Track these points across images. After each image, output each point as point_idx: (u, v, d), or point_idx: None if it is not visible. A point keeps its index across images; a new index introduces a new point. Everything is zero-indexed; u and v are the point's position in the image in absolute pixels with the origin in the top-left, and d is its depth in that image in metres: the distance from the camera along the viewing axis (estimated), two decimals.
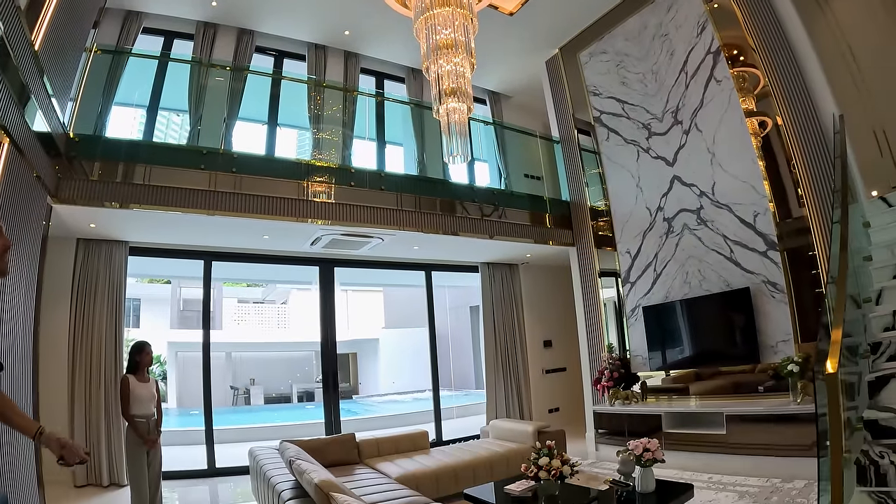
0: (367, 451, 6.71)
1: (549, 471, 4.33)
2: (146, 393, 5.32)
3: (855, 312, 4.29)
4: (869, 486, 3.52)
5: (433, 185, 8.18)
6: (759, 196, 6.81)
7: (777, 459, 6.05)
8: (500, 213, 8.55)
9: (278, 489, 4.29)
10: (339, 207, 7.05)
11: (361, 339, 19.04)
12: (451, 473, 6.15)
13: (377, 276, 14.52)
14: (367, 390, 20.13)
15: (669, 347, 7.89)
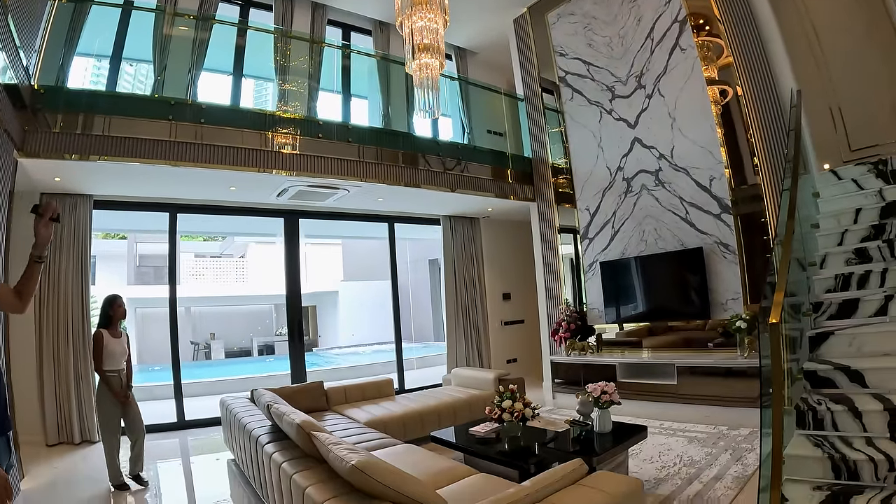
0: (334, 399, 6.91)
1: (513, 413, 4.62)
2: (119, 348, 5.35)
3: (800, 274, 4.69)
4: (808, 429, 3.90)
5: (398, 138, 8.22)
6: (715, 161, 7.09)
7: (724, 409, 6.53)
8: (463, 168, 8.67)
9: (255, 434, 4.33)
10: (304, 159, 7.05)
11: (320, 291, 19.07)
12: (418, 418, 6.45)
13: (336, 228, 14.45)
14: (326, 343, 20.23)
15: (625, 302, 8.22)
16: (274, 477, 3.63)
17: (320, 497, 2.82)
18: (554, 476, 2.94)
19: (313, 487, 2.95)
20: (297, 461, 3.43)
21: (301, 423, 3.42)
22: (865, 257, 5.10)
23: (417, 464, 3.96)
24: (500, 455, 4.47)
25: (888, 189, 5.62)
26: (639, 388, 7.19)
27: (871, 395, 3.87)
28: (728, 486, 4.50)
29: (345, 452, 2.82)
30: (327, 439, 3.13)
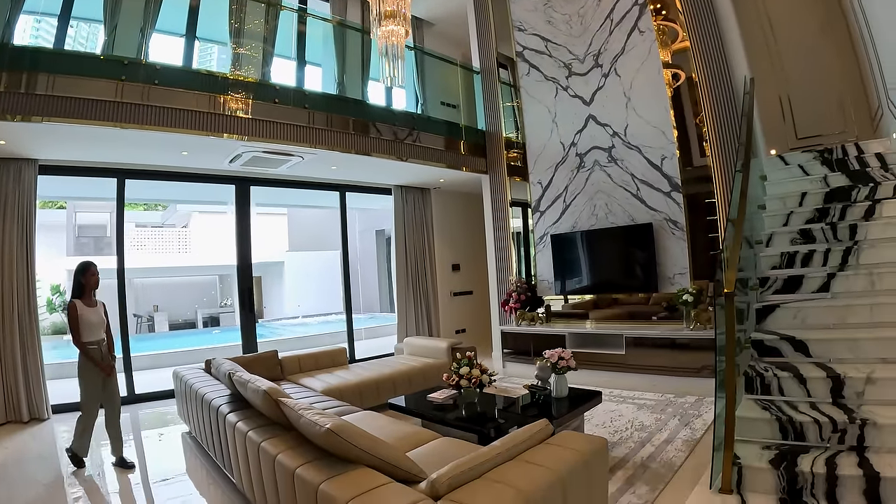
0: (289, 368, 6.90)
1: (470, 380, 4.76)
2: (96, 318, 5.06)
3: (748, 252, 4.95)
4: (756, 394, 4.21)
5: (352, 105, 8.15)
6: (667, 142, 7.35)
7: (670, 378, 6.90)
8: (415, 138, 8.67)
9: (215, 405, 4.31)
10: (258, 124, 6.91)
11: (266, 262, 18.79)
12: (373, 386, 6.54)
13: (282, 197, 14.18)
14: (271, 314, 20.01)
15: (575, 274, 8.47)
16: (239, 447, 3.65)
17: (293, 463, 2.89)
18: (523, 436, 3.09)
19: (284, 454, 3.01)
20: (263, 429, 3.46)
21: (268, 389, 3.44)
22: (809, 238, 5.47)
23: (382, 429, 4.03)
24: (459, 420, 4.58)
25: (832, 176, 6.05)
26: (588, 358, 7.45)
27: (815, 364, 4.22)
28: (678, 449, 4.78)
29: (317, 417, 2.89)
30: (297, 405, 3.17)
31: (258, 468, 3.33)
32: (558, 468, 2.78)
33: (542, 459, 2.87)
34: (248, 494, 3.70)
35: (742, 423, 3.86)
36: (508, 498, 2.46)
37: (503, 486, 2.57)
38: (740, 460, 3.62)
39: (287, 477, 2.90)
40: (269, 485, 3.20)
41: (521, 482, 2.60)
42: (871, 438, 3.54)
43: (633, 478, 4.23)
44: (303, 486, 2.75)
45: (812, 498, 3.37)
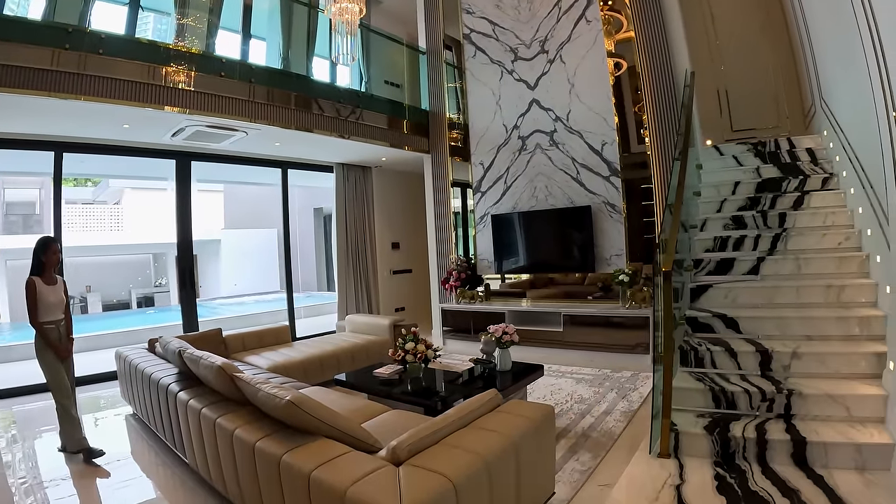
0: (233, 346, 6.82)
1: (415, 354, 4.94)
2: (55, 297, 4.79)
3: (683, 235, 5.27)
4: (690, 367, 4.54)
5: (297, 80, 8.08)
6: (608, 128, 7.61)
7: (607, 354, 7.23)
8: (358, 116, 8.64)
9: (163, 384, 4.26)
10: (201, 97, 6.75)
11: (202, 240, 18.35)
12: (318, 363, 6.59)
13: (219, 173, 13.81)
14: (208, 293, 19.52)
15: (514, 254, 8.69)
16: (192, 424, 3.68)
17: (252, 437, 2.98)
18: (475, 404, 3.29)
19: (242, 429, 3.09)
20: (216, 405, 3.51)
21: (222, 365, 3.47)
22: (741, 224, 5.85)
23: (334, 403, 4.09)
24: (406, 394, 4.71)
25: (765, 168, 6.47)
26: (528, 335, 7.57)
27: (745, 340, 4.58)
28: (617, 420, 5.07)
29: (275, 390, 2.99)
30: (253, 379, 3.24)
31: (214, 445, 3.38)
32: (510, 433, 2.98)
33: (494, 426, 3.06)
34: (203, 472, 3.75)
35: (678, 393, 4.16)
36: (467, 461, 2.63)
37: (461, 450, 2.74)
38: (677, 427, 3.91)
39: (247, 451, 2.98)
40: (226, 460, 3.27)
41: (478, 446, 2.78)
42: (798, 407, 3.89)
43: (576, 446, 4.49)
44: (264, 458, 2.85)
45: (744, 461, 3.69)
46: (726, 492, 3.32)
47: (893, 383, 3.56)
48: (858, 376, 4.01)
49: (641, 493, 3.40)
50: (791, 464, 3.58)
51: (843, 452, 3.49)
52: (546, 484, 3.39)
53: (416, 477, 2.44)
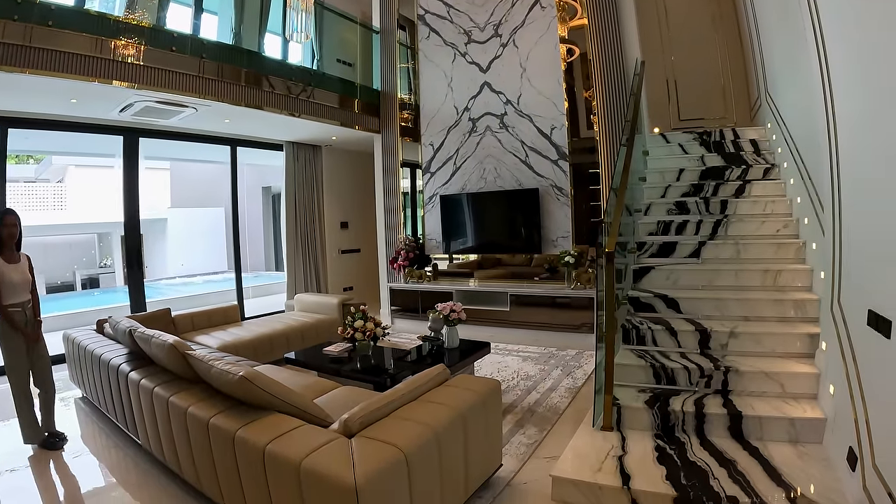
0: (182, 326, 6.74)
1: (364, 332, 4.99)
2: (18, 276, 4.38)
3: (628, 219, 5.43)
4: (632, 344, 4.70)
5: (248, 57, 7.90)
6: (558, 113, 7.74)
7: (552, 333, 7.42)
8: (309, 94, 8.56)
9: (114, 364, 4.19)
10: (151, 72, 6.55)
11: (148, 219, 17.87)
12: (267, 342, 6.58)
13: (166, 150, 13.44)
14: (154, 274, 18.97)
15: (462, 235, 8.79)
16: (144, 404, 3.66)
17: (205, 414, 3.01)
18: (424, 378, 3.38)
19: (195, 407, 3.12)
20: (168, 384, 3.52)
21: (174, 343, 3.47)
22: (684, 209, 6.06)
23: (285, 380, 4.06)
24: (356, 372, 4.78)
25: (709, 156, 6.73)
26: (475, 315, 7.73)
27: (685, 319, 4.75)
28: (562, 396, 5.23)
29: (228, 367, 3.02)
30: (206, 357, 3.26)
31: (167, 424, 3.39)
32: (459, 406, 3.09)
33: (443, 399, 3.16)
34: (157, 453, 3.74)
35: (620, 369, 4.31)
36: (418, 432, 2.73)
37: (411, 422, 2.83)
38: (619, 401, 4.04)
39: (201, 428, 3.01)
40: (180, 439, 3.29)
41: (427, 418, 2.87)
42: (734, 383, 4.07)
43: (523, 420, 4.64)
44: (219, 434, 2.89)
45: (683, 433, 3.85)
46: (666, 462, 3.46)
47: (825, 362, 3.75)
48: (793, 355, 4.20)
49: (585, 463, 3.52)
50: (728, 436, 3.75)
51: (777, 426, 3.67)
52: (494, 456, 3.52)
53: (368, 448, 2.52)
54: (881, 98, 2.66)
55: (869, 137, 2.88)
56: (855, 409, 2.98)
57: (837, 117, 3.37)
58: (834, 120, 3.43)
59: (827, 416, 3.56)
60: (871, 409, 2.80)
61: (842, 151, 3.31)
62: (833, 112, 3.44)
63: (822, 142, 3.68)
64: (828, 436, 3.51)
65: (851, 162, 3.17)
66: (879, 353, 2.70)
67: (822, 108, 3.62)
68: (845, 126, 3.25)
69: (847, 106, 3.21)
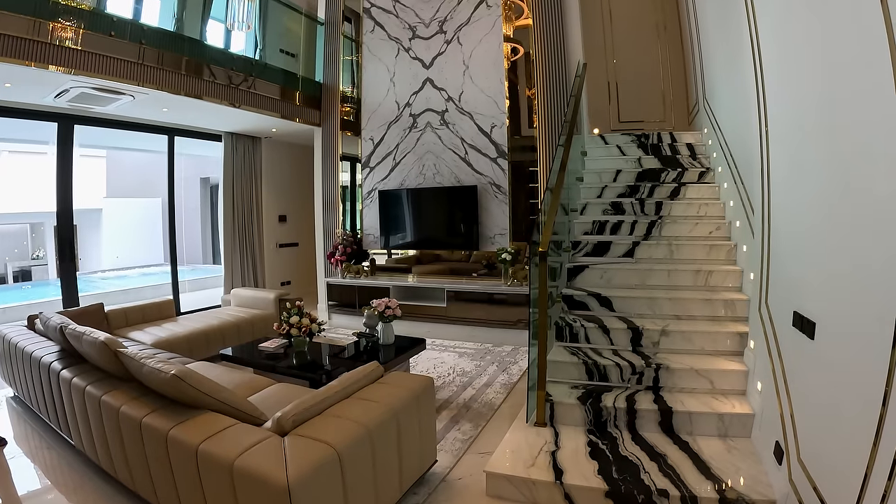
0: (115, 322, 6.51)
1: (300, 328, 4.95)
2: None
3: (563, 218, 5.50)
4: (566, 342, 4.77)
5: (190, 44, 7.65)
6: (499, 111, 7.77)
7: (489, 329, 7.46)
8: (251, 84, 8.36)
9: (45, 362, 4.09)
10: (89, 57, 6.24)
11: (82, 209, 17.18)
12: (203, 338, 6.40)
13: (101, 138, 12.97)
14: (89, 266, 18.30)
15: (400, 230, 8.73)
16: (77, 403, 3.55)
17: (138, 413, 2.94)
18: (357, 375, 3.35)
19: (128, 406, 3.04)
20: (101, 383, 3.41)
21: (105, 340, 3.37)
22: (620, 210, 6.16)
23: (219, 377, 3.95)
24: (292, 368, 4.73)
25: (646, 158, 6.85)
26: (412, 310, 7.79)
27: (617, 317, 4.83)
28: (497, 392, 5.26)
29: (160, 364, 2.94)
30: (138, 354, 3.16)
31: (100, 424, 3.29)
32: (392, 403, 3.09)
33: (376, 396, 3.15)
34: (91, 454, 3.62)
35: (553, 366, 4.37)
36: (350, 430, 2.72)
37: (344, 420, 2.82)
38: (552, 397, 4.08)
39: (133, 428, 2.93)
40: (113, 439, 3.20)
41: (360, 416, 2.86)
42: (665, 380, 4.17)
43: (458, 416, 4.65)
44: (151, 434, 2.82)
45: (615, 428, 3.91)
46: (598, 457, 3.51)
47: (754, 360, 3.87)
48: (722, 353, 4.32)
49: (519, 459, 3.54)
50: (659, 431, 3.84)
51: (706, 421, 3.77)
52: (428, 452, 3.52)
53: (300, 446, 2.50)
54: (809, 104, 2.75)
55: (797, 143, 2.97)
56: (781, 406, 3.07)
57: (770, 122, 3.46)
58: (766, 125, 3.53)
59: (755, 412, 3.67)
60: (796, 406, 2.89)
61: (772, 156, 3.41)
62: (765, 117, 3.54)
63: (754, 146, 3.80)
64: (756, 431, 3.62)
65: (780, 167, 3.26)
66: (804, 353, 2.80)
67: (755, 113, 3.73)
68: (776, 131, 3.34)
69: (778, 111, 3.31)
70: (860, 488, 2.05)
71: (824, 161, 2.57)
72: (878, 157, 2.04)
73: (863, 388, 2.10)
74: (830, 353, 2.48)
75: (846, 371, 2.30)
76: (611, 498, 3.16)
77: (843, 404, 2.32)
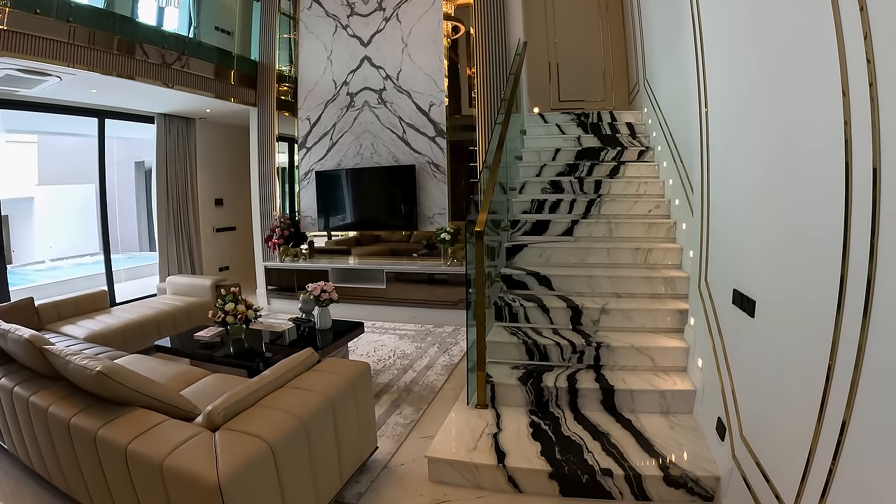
0: (47, 316, 6.18)
1: (236, 315, 4.77)
2: None
3: (502, 196, 5.48)
4: (505, 321, 4.71)
5: (121, 22, 7.22)
6: (437, 90, 7.67)
7: (429, 310, 7.41)
8: (184, 63, 8.01)
9: None
10: (14, 36, 5.85)
11: (12, 198, 16.41)
12: (137, 329, 6.12)
13: (32, 122, 12.34)
14: (21, 259, 17.55)
15: (339, 211, 8.56)
16: (6, 405, 3.38)
17: (66, 413, 2.79)
18: (291, 364, 3.23)
19: (56, 406, 2.89)
20: (28, 383, 3.23)
21: (30, 337, 3.19)
22: (559, 188, 6.12)
23: (153, 370, 3.92)
24: (228, 357, 4.57)
25: (586, 137, 6.87)
26: (351, 293, 7.70)
27: (557, 296, 4.79)
28: (438, 374, 5.19)
29: (86, 361, 2.78)
30: (63, 352, 3.00)
31: (30, 426, 3.14)
32: (326, 391, 2.99)
33: (310, 385, 3.05)
34: (24, 458, 3.45)
35: (494, 347, 4.33)
36: (284, 421, 2.62)
37: (277, 411, 2.71)
38: (493, 379, 4.03)
39: (62, 429, 2.80)
40: (44, 441, 3.05)
41: (294, 406, 2.76)
42: (606, 358, 4.15)
43: (399, 401, 4.56)
44: (80, 434, 2.69)
45: (557, 408, 3.88)
46: (541, 438, 3.47)
47: (694, 337, 3.88)
48: (663, 330, 4.33)
49: (461, 443, 3.48)
50: (601, 409, 3.82)
51: (648, 399, 3.76)
52: (368, 439, 3.43)
53: (232, 441, 2.41)
54: (749, 81, 2.72)
55: (735, 121, 2.95)
56: (722, 382, 3.07)
57: (709, 99, 3.45)
58: (706, 103, 3.51)
59: (696, 388, 3.67)
60: (737, 383, 2.88)
61: (712, 134, 3.40)
62: (705, 94, 3.53)
63: (694, 125, 3.79)
64: (697, 407, 3.63)
65: (720, 144, 3.25)
66: (744, 331, 2.79)
67: (695, 90, 3.72)
68: (716, 109, 3.33)
69: (718, 88, 3.29)
70: (804, 466, 2.03)
71: (764, 138, 2.54)
72: (818, 132, 2.00)
73: (805, 366, 2.08)
74: (772, 331, 2.46)
75: (788, 348, 2.28)
76: (555, 479, 3.12)
77: (785, 382, 2.30)
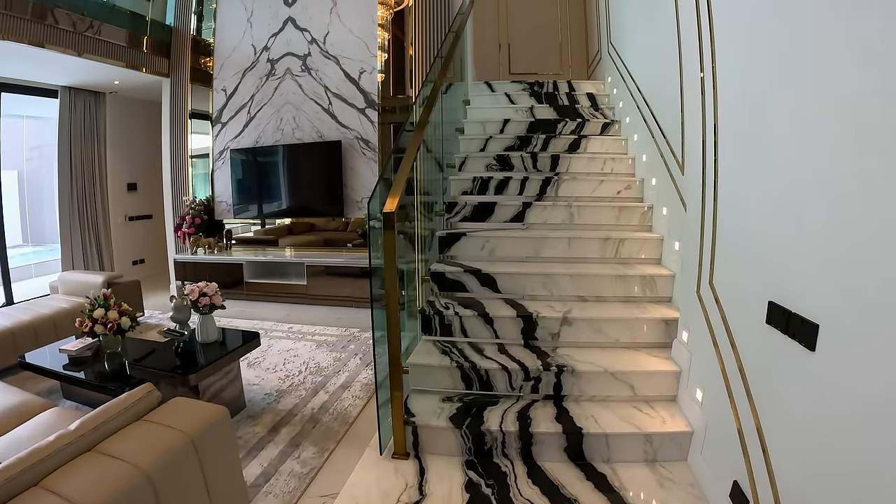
0: None
1: (106, 324, 3.87)
2: None
3: (437, 174, 4.60)
4: (435, 335, 3.64)
5: None
6: (369, 55, 6.81)
7: (357, 311, 6.52)
8: (96, 29, 6.94)
9: None
10: None
11: None
12: (9, 339, 4.93)
13: None
14: None
15: (257, 196, 7.60)
16: None
17: None
18: (113, 410, 2.08)
19: None
20: None
21: None
22: (507, 165, 5.13)
23: None
24: (95, 378, 3.69)
25: (539, 108, 5.96)
26: (269, 289, 6.87)
27: (504, 301, 3.76)
28: (356, 396, 4.14)
29: None
30: None
31: None
32: (145, 463, 1.85)
33: (126, 449, 1.91)
34: None
35: (418, 371, 3.32)
36: None
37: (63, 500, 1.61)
38: (415, 418, 2.99)
39: None
40: None
41: (91, 491, 1.66)
42: (569, 387, 3.10)
43: (301, 436, 3.50)
44: None
45: (504, 458, 2.84)
46: None
47: (688, 357, 2.88)
48: (643, 346, 3.34)
49: None
50: (565, 460, 2.81)
51: (629, 444, 2.79)
52: None
53: None
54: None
55: (780, 83, 2.01)
56: (741, 427, 2.08)
57: (718, 59, 2.51)
58: (713, 63, 2.57)
59: (693, 429, 2.72)
60: (774, 438, 1.89)
61: (722, 105, 2.47)
62: (712, 53, 2.63)
63: (690, 91, 2.87)
64: (695, 454, 2.68)
65: (741, 117, 2.30)
66: (791, 365, 1.80)
67: (692, 49, 2.82)
68: (731, 72, 2.43)
69: (738, 39, 2.37)
70: None
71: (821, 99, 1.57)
72: None
73: None
74: (849, 374, 1.52)
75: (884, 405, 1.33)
76: None
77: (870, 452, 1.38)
